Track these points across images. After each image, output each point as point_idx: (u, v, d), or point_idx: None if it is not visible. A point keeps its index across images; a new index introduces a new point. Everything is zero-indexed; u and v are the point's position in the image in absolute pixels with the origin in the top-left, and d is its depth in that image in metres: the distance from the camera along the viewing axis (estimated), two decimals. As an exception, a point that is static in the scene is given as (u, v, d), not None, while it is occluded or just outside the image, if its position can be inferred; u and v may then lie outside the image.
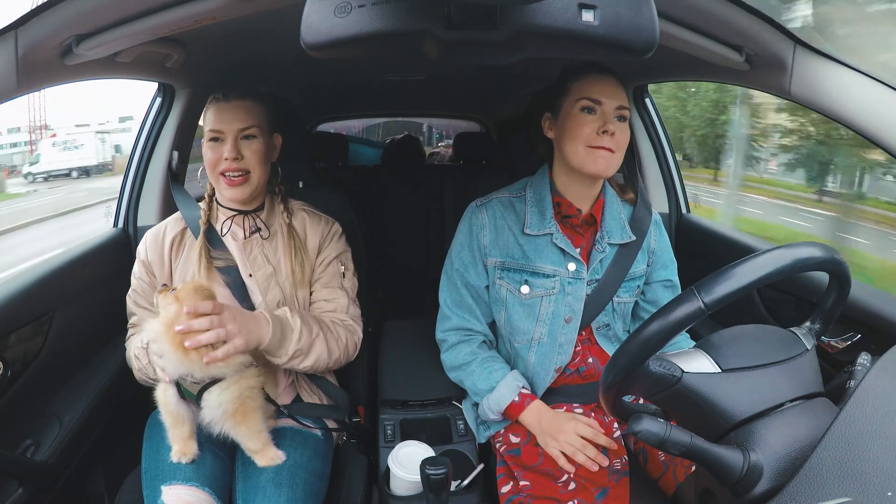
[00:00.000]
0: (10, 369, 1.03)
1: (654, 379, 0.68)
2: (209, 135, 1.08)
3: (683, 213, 1.66)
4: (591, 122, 1.02)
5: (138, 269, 1.13)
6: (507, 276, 1.10)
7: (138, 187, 1.49)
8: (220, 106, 1.08)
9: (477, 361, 1.12)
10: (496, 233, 1.10)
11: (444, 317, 1.18)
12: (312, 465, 1.04)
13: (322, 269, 1.16)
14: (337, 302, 1.15)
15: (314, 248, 1.16)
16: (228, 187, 1.08)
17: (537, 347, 1.08)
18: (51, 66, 0.88)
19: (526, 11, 0.62)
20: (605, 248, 1.09)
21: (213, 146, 1.08)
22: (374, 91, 2.51)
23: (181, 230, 1.14)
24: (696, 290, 0.63)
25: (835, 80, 0.90)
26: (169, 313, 0.90)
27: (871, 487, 0.53)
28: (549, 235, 1.08)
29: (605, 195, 1.12)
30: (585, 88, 1.02)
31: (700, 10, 0.86)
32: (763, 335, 0.74)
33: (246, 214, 1.14)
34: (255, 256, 1.12)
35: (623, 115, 1.03)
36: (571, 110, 1.03)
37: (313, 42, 0.66)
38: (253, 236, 1.13)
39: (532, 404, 1.06)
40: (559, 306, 1.07)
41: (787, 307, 1.24)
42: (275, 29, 1.11)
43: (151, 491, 0.95)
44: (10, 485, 1.00)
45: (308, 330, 1.04)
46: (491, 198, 1.14)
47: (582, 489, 0.96)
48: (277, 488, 0.95)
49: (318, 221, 1.18)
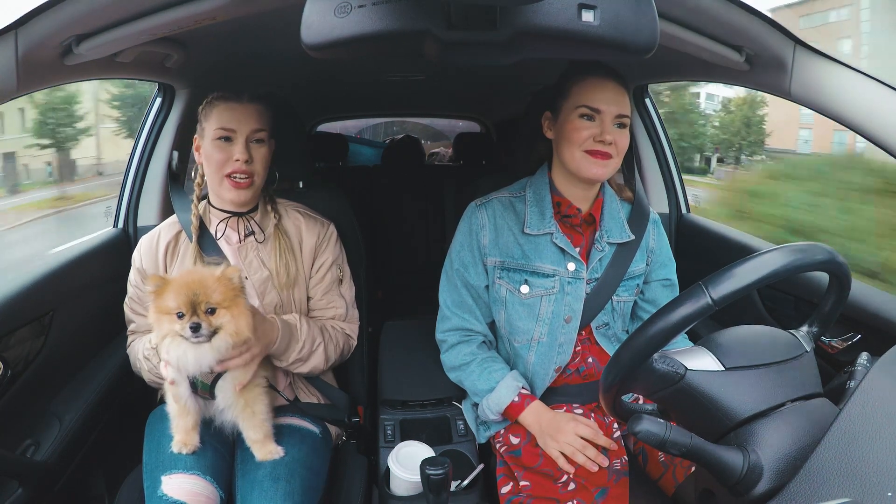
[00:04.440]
0: (11, 369, 1.03)
1: (658, 376, 0.68)
2: (218, 133, 1.05)
3: (683, 213, 1.66)
4: (589, 128, 1.01)
5: (134, 276, 1.12)
6: (506, 276, 1.10)
7: (138, 187, 1.49)
8: (232, 105, 1.06)
9: (476, 362, 1.11)
10: (496, 232, 1.10)
11: (443, 317, 1.17)
12: (310, 461, 1.04)
13: (322, 274, 1.16)
14: (336, 309, 1.16)
15: (310, 250, 1.15)
16: (232, 189, 1.07)
17: (537, 347, 1.08)
18: (51, 66, 0.88)
19: (526, 11, 0.62)
20: (604, 248, 1.09)
21: (223, 146, 1.05)
22: (374, 91, 2.51)
23: (175, 234, 1.13)
24: (704, 286, 0.63)
25: (834, 80, 0.90)
26: None
27: (871, 487, 0.53)
28: (549, 235, 1.07)
29: (604, 194, 1.12)
30: (585, 95, 1.02)
31: (700, 10, 0.86)
32: (764, 335, 0.74)
33: (240, 217, 1.13)
34: (251, 260, 1.11)
35: (623, 122, 1.03)
36: (570, 115, 1.03)
37: (313, 42, 0.66)
38: (248, 240, 1.13)
39: (532, 405, 1.05)
40: (559, 306, 1.07)
41: (787, 308, 1.24)
42: (275, 29, 1.11)
43: (152, 482, 0.95)
44: (10, 485, 1.00)
45: (311, 340, 1.06)
46: (490, 198, 1.14)
47: (581, 489, 0.96)
48: (275, 482, 0.96)
49: (314, 223, 1.17)
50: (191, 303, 0.89)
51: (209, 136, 1.06)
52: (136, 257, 1.12)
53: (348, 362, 1.27)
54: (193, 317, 0.89)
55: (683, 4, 0.84)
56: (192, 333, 0.89)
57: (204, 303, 0.89)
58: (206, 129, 1.07)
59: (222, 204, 1.12)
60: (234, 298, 0.92)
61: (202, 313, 0.90)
